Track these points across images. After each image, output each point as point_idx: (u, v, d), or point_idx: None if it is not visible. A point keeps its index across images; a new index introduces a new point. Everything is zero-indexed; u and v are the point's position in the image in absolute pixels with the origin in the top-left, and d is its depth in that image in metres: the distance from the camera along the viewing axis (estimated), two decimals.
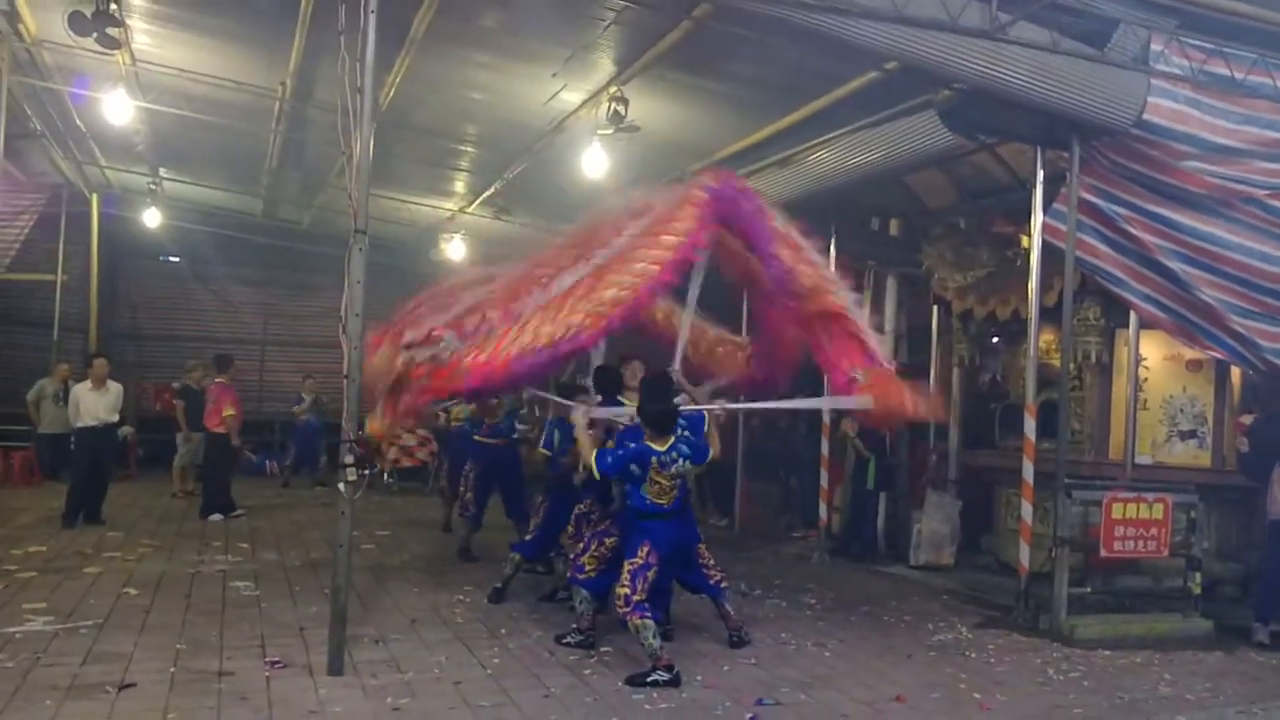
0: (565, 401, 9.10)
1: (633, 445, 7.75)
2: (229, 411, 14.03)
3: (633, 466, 7.69)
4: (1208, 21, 9.40)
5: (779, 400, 10.00)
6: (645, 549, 7.63)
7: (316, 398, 19.15)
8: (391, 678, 7.10)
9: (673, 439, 7.78)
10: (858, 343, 8.70)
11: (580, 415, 8.09)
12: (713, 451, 8.23)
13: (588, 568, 8.20)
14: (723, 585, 8.55)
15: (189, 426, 15.93)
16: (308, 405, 19.23)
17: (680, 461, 7.77)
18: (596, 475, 7.82)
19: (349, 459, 7.17)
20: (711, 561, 8.54)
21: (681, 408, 8.18)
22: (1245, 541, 10.93)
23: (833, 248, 13.14)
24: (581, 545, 8.48)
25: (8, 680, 6.64)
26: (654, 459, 7.67)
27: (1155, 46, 9.19)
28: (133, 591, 9.43)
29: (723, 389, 9.60)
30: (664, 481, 7.75)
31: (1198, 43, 9.42)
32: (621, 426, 8.40)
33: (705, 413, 8.58)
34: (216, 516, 14.05)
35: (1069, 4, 8.89)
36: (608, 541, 8.22)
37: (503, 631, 8.57)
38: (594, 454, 7.73)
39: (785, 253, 8.41)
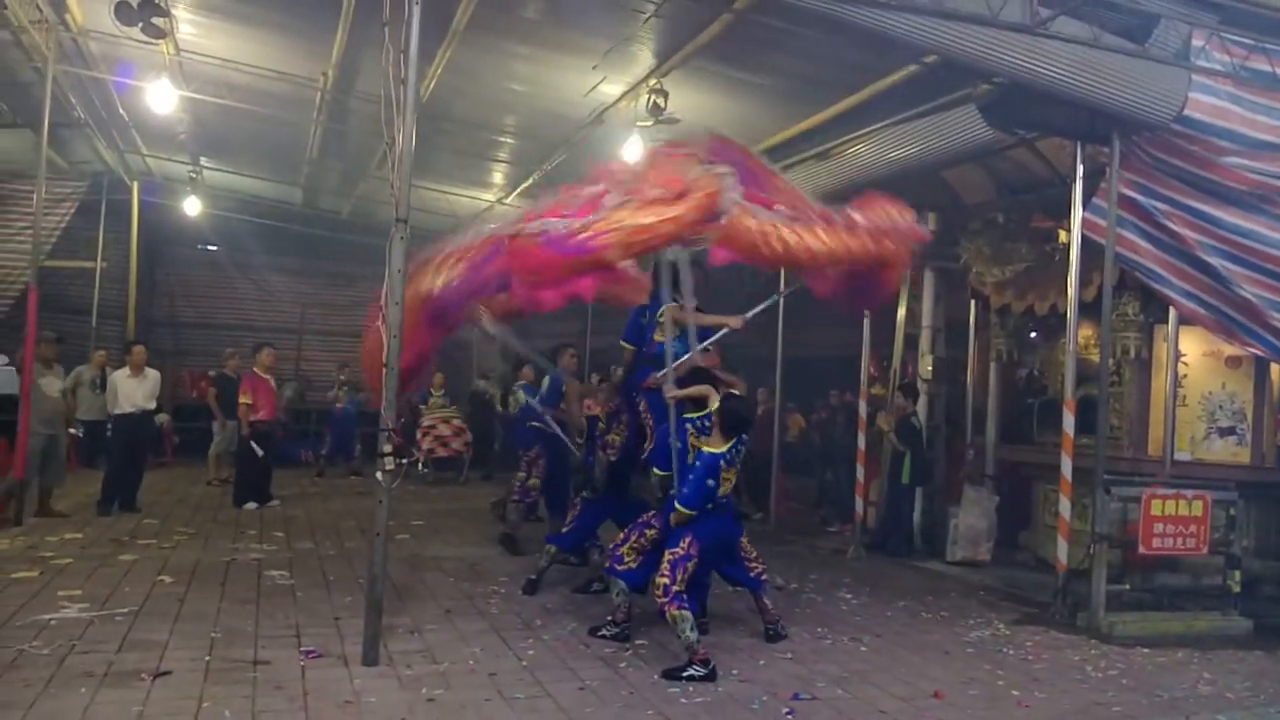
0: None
1: (699, 465, 7.67)
2: (244, 400, 14.10)
3: (710, 482, 7.63)
4: (1249, 17, 9.35)
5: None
6: (687, 540, 7.61)
7: (353, 384, 19.09)
8: (426, 668, 7.13)
9: (735, 438, 7.76)
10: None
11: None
12: None
13: (626, 559, 8.16)
14: (763, 578, 8.56)
15: (224, 414, 16.07)
16: (343, 391, 19.25)
17: (740, 453, 7.82)
18: (693, 513, 7.64)
19: (386, 448, 7.21)
20: (754, 554, 8.55)
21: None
22: None
23: None
24: (622, 536, 8.40)
25: (43, 667, 6.69)
26: (720, 462, 7.65)
27: (1196, 42, 9.15)
28: (168, 579, 9.49)
29: None
30: (730, 477, 7.80)
31: (1239, 38, 9.36)
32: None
33: None
34: (251, 505, 14.12)
35: None
36: (648, 533, 8.13)
37: (538, 623, 8.59)
38: (685, 507, 7.61)
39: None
